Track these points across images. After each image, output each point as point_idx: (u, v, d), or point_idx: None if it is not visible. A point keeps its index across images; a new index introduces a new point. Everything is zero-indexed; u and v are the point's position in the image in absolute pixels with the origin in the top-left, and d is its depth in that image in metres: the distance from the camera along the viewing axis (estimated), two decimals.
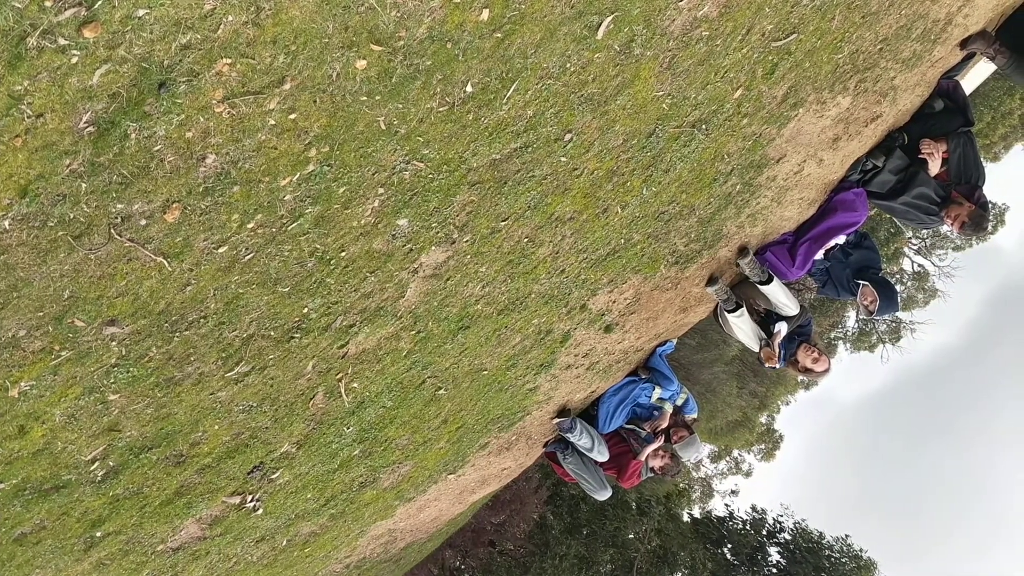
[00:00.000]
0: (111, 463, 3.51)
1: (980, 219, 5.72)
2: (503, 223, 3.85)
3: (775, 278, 5.97)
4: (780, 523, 22.81)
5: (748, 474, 32.27)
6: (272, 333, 3.48)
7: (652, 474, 6.65)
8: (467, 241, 3.79)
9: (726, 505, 24.43)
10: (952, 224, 5.77)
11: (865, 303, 6.26)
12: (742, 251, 5.84)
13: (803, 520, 22.55)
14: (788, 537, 22.17)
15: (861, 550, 21.14)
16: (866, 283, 6.17)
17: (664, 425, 6.55)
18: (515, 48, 2.96)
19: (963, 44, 5.40)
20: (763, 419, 30.55)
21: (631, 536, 20.23)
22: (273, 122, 2.59)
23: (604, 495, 6.93)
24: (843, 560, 21.00)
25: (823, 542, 21.56)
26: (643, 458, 6.46)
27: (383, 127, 2.89)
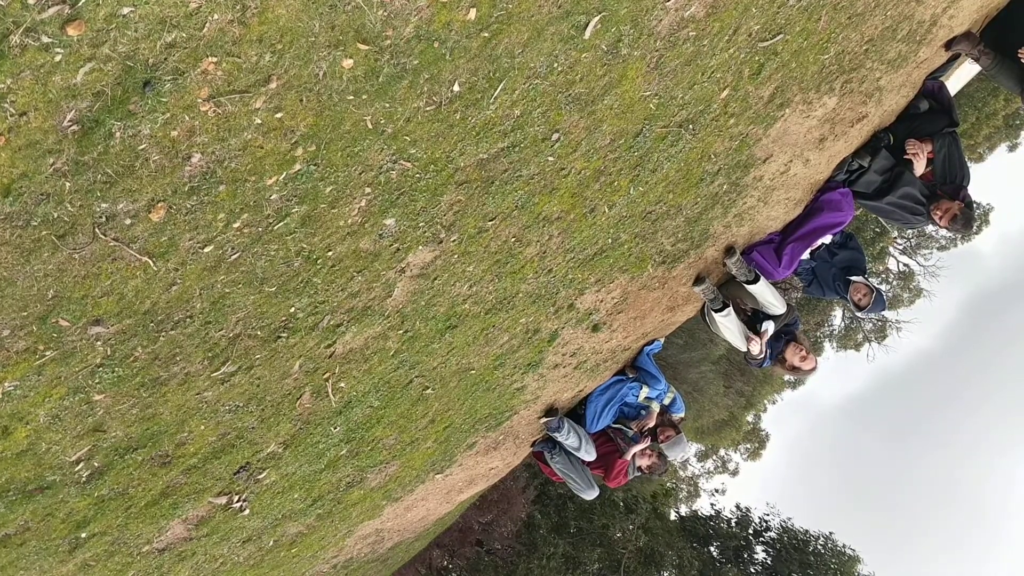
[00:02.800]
0: (96, 464, 3.48)
1: (968, 216, 5.78)
2: (490, 223, 3.85)
3: (762, 277, 5.99)
4: (766, 522, 22.94)
5: (735, 473, 32.45)
6: (259, 333, 3.47)
7: (639, 473, 6.67)
8: (454, 240, 3.79)
9: (712, 504, 24.53)
10: (942, 218, 5.81)
11: (856, 297, 6.32)
12: (729, 251, 5.86)
13: (789, 519, 22.74)
14: (774, 536, 22.29)
15: (844, 546, 21.32)
16: (859, 279, 6.24)
17: (651, 424, 6.57)
18: (502, 48, 2.96)
19: (948, 45, 5.45)
20: (749, 418, 30.69)
21: (618, 535, 20.27)
22: (259, 121, 2.58)
23: (591, 494, 6.94)
24: (828, 556, 21.14)
25: (808, 539, 21.70)
26: (630, 457, 6.48)
27: (370, 126, 2.88)
